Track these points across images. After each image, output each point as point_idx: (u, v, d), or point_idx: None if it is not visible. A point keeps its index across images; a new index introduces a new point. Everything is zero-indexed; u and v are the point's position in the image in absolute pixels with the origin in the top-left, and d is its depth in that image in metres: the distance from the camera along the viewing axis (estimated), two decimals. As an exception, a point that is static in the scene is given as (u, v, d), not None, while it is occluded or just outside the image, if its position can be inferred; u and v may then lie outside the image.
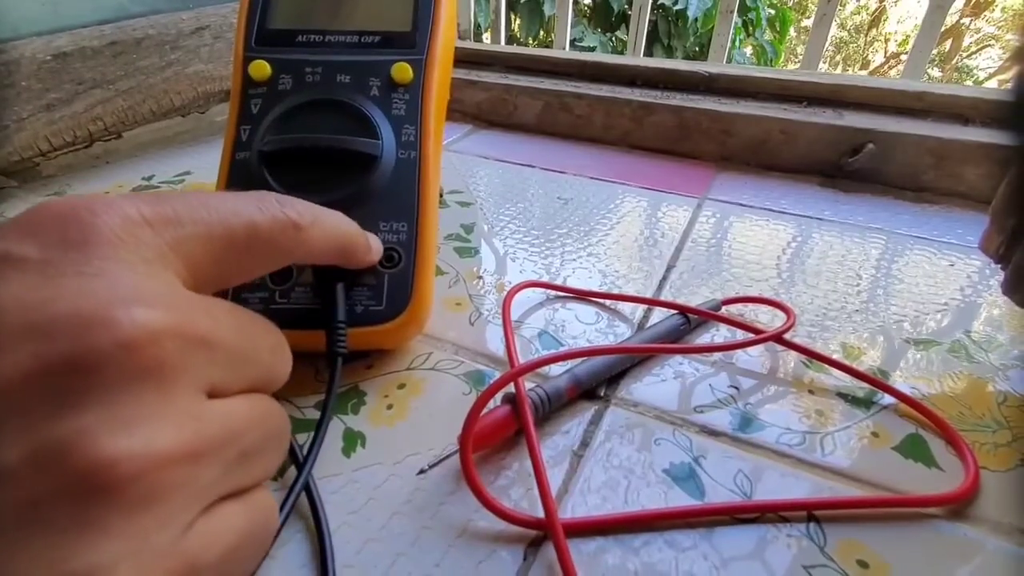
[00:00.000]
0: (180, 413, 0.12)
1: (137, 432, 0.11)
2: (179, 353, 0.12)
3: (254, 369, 0.14)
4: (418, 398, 0.27)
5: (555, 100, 0.58)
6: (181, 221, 0.14)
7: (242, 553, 0.13)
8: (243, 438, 0.13)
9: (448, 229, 0.42)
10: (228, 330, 0.13)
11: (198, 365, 0.12)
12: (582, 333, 0.32)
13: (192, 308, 0.13)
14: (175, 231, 0.13)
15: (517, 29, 2.70)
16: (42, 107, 0.47)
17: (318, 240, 0.17)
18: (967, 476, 0.23)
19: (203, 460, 0.12)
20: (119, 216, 0.13)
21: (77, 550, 0.10)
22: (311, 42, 0.30)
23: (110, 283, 0.12)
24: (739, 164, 0.53)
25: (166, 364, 0.11)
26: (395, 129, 0.29)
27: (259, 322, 0.15)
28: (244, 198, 0.15)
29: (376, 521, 0.22)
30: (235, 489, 0.13)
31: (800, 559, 0.21)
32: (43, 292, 0.11)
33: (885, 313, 0.34)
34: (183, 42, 0.55)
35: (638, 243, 0.41)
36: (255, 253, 0.15)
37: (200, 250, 0.14)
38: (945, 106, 0.49)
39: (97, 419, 0.11)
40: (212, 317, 0.13)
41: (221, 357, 0.13)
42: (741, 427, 0.26)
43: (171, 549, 0.11)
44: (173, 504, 0.11)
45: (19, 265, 0.11)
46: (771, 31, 3.00)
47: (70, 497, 0.10)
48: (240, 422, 0.13)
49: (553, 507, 0.21)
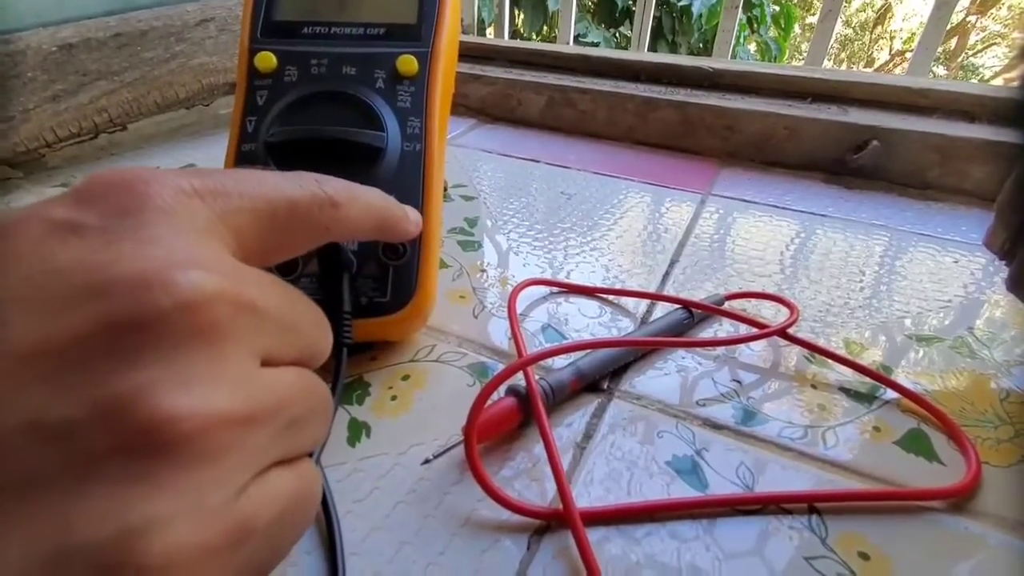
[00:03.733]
0: (235, 376, 0.12)
1: (196, 391, 0.11)
2: (233, 318, 0.12)
3: (300, 341, 0.14)
4: (422, 389, 0.28)
5: (559, 95, 0.58)
6: (229, 194, 0.14)
7: (291, 519, 0.13)
8: (292, 407, 0.13)
9: (452, 223, 0.42)
10: (276, 301, 0.13)
11: (251, 331, 0.12)
12: (585, 327, 0.32)
13: (243, 276, 0.13)
14: (224, 203, 0.14)
15: (521, 24, 2.69)
16: (48, 98, 0.47)
17: (356, 216, 0.17)
18: (969, 470, 0.23)
19: (256, 424, 0.12)
20: (171, 187, 0.13)
21: (134, 503, 0.10)
22: (317, 34, 0.30)
23: (167, 248, 0.12)
24: (743, 160, 0.53)
25: (222, 327, 0.12)
26: (400, 121, 0.29)
27: (302, 297, 0.15)
28: (284, 176, 0.16)
29: (381, 510, 0.22)
30: (284, 456, 0.13)
31: (802, 551, 0.21)
32: (103, 255, 0.11)
33: (888, 309, 0.34)
34: (188, 34, 0.55)
35: (641, 238, 0.41)
36: (295, 229, 0.16)
37: (247, 223, 0.14)
38: (950, 103, 0.49)
39: (157, 376, 0.11)
40: (261, 287, 0.13)
41: (271, 326, 0.13)
42: (744, 420, 0.26)
43: (226, 509, 0.11)
44: (228, 465, 0.11)
45: (79, 231, 0.12)
46: (776, 28, 2.98)
47: (129, 451, 0.10)
48: (289, 391, 0.13)
49: (570, 495, 0.21)
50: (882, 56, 4.95)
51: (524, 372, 0.25)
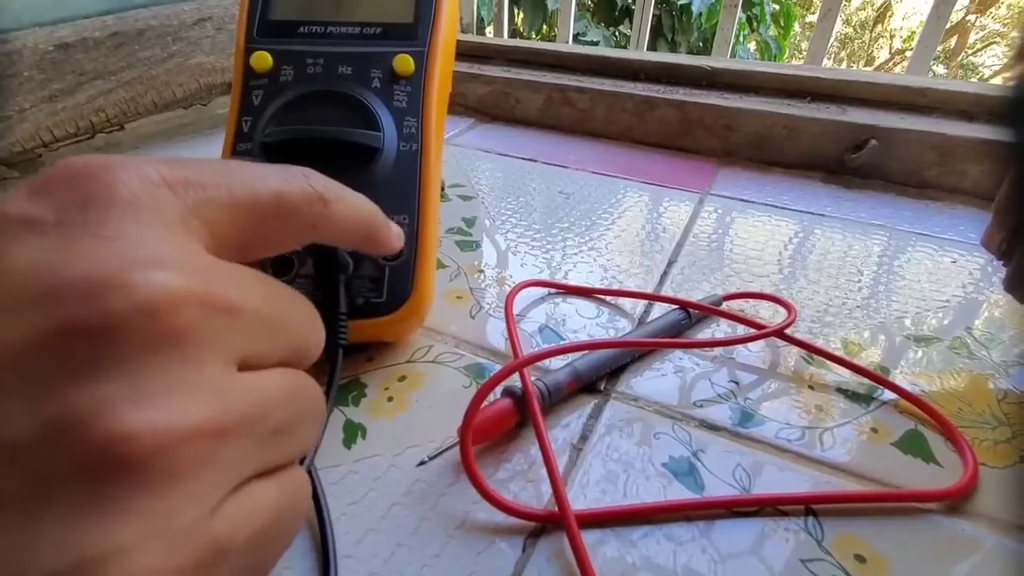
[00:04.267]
0: (205, 385, 0.11)
1: (159, 404, 0.10)
2: (203, 321, 0.11)
3: (285, 341, 0.13)
4: (418, 391, 0.27)
5: (557, 94, 0.58)
6: (203, 184, 0.13)
7: (273, 534, 0.13)
8: (275, 414, 0.12)
9: (449, 223, 0.42)
10: (257, 299, 0.12)
11: (224, 334, 0.11)
12: (583, 328, 0.32)
13: (217, 274, 0.12)
14: (197, 194, 0.12)
15: (520, 23, 2.69)
16: (44, 98, 0.47)
17: (344, 217, 0.16)
18: (966, 472, 0.23)
19: (231, 436, 0.11)
20: (137, 177, 0.12)
21: (91, 531, 0.09)
22: (313, 33, 0.30)
23: (128, 245, 0.11)
24: (742, 159, 0.53)
25: (190, 332, 0.11)
26: (397, 121, 0.29)
27: (289, 293, 0.14)
28: (270, 168, 0.15)
29: (376, 512, 0.22)
30: (267, 466, 0.13)
31: (798, 553, 0.21)
32: (58, 255, 0.10)
33: (886, 310, 0.34)
34: (185, 33, 0.55)
35: (639, 238, 0.41)
36: (280, 224, 0.14)
37: (224, 216, 0.13)
38: (949, 102, 0.49)
39: (115, 389, 0.10)
40: (239, 285, 0.12)
41: (250, 327, 0.12)
42: (741, 422, 0.26)
43: (197, 530, 0.10)
44: (199, 482, 0.10)
45: (34, 227, 0.11)
46: (775, 27, 2.98)
47: (85, 474, 0.09)
48: (271, 397, 0.12)
49: (565, 499, 0.21)
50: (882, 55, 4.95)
51: (520, 373, 0.25)
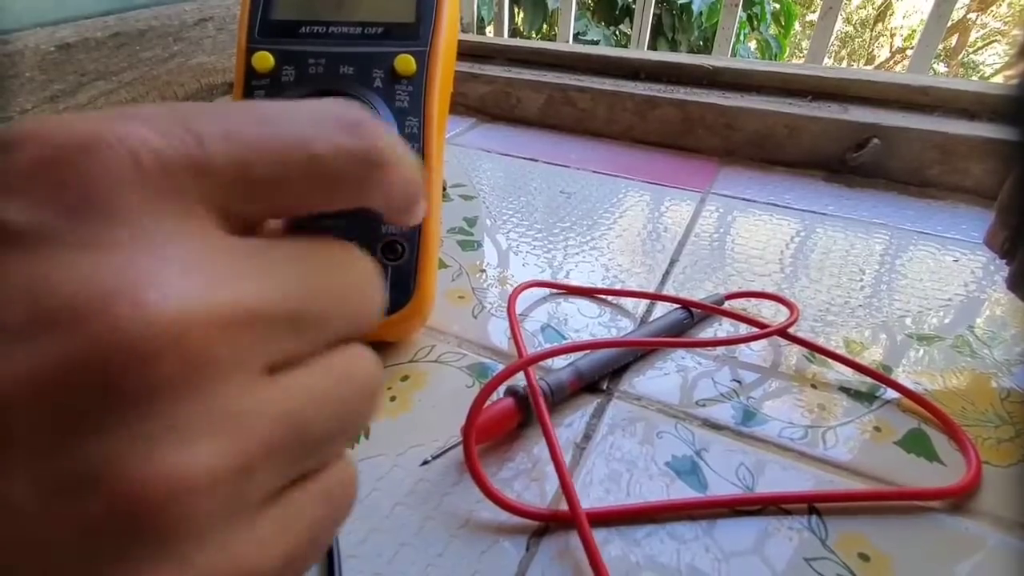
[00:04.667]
0: (223, 413, 0.09)
1: (169, 451, 0.09)
2: (216, 340, 0.09)
3: (330, 323, 0.11)
4: (421, 390, 0.27)
5: (558, 94, 0.58)
6: (210, 158, 0.10)
7: (313, 542, 0.11)
8: (311, 425, 0.11)
9: (451, 222, 0.42)
10: (287, 286, 0.10)
11: (244, 347, 0.10)
12: (585, 327, 0.32)
13: (232, 273, 0.10)
14: (201, 174, 0.10)
15: (520, 23, 2.69)
16: (46, 98, 0.47)
17: (396, 183, 0.12)
18: (969, 470, 0.23)
19: (256, 466, 0.10)
20: (126, 157, 0.09)
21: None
22: (314, 33, 0.30)
23: (120, 256, 0.09)
24: (743, 159, 0.53)
25: (200, 359, 0.09)
26: (398, 121, 0.29)
27: (332, 259, 0.12)
28: (312, 118, 0.11)
29: (380, 511, 0.22)
30: (307, 470, 0.11)
31: (801, 551, 0.21)
32: (35, 277, 0.08)
33: (888, 309, 0.34)
34: (186, 33, 0.55)
35: (641, 237, 0.41)
36: (313, 190, 0.11)
37: (239, 192, 0.10)
38: (950, 101, 0.49)
39: (117, 440, 0.08)
40: (260, 276, 0.10)
41: (277, 327, 0.10)
42: (743, 421, 0.26)
43: (221, 566, 0.09)
44: (221, 523, 0.09)
45: (4, 237, 0.09)
46: (776, 26, 2.98)
47: (95, 537, 0.08)
48: (308, 401, 0.11)
49: (575, 497, 0.21)
50: (883, 53, 4.94)
51: (524, 372, 0.25)
